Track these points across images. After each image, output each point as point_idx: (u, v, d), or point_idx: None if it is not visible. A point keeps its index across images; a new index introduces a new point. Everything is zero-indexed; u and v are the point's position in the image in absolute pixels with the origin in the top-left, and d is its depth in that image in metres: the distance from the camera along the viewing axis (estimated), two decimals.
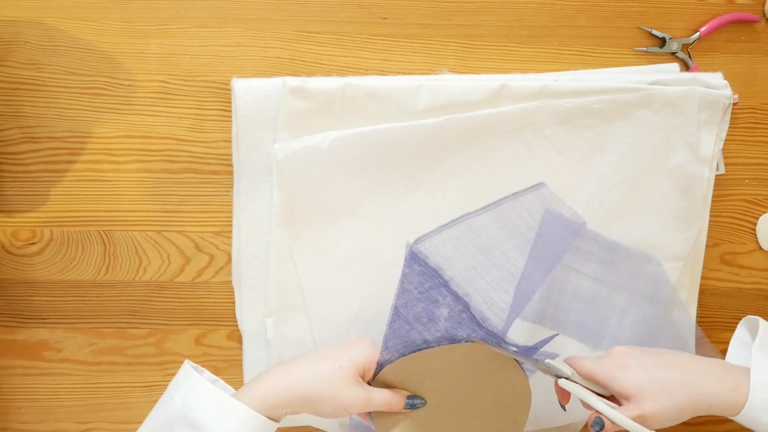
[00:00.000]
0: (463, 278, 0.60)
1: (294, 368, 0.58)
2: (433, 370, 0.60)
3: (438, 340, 0.60)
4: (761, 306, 0.78)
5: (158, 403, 0.56)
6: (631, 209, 0.73)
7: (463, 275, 0.60)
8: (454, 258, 0.60)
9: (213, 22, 0.70)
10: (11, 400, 0.73)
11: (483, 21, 0.72)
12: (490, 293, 0.61)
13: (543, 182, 0.68)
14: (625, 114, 0.71)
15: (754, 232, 0.77)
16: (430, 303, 0.59)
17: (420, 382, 0.60)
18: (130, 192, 0.71)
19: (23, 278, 0.72)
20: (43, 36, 0.69)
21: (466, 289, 0.60)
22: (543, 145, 0.71)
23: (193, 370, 0.57)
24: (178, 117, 0.70)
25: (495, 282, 0.62)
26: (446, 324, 0.60)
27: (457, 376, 0.60)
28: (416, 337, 0.59)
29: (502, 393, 0.61)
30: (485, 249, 0.62)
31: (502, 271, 0.62)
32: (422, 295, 0.59)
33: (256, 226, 0.71)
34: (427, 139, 0.69)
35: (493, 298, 0.61)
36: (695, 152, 0.72)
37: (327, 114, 0.68)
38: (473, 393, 0.60)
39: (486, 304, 0.60)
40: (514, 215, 0.65)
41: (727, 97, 0.72)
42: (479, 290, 0.61)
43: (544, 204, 0.67)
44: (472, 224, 0.63)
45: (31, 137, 0.70)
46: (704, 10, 0.74)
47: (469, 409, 0.61)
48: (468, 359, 0.60)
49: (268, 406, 0.55)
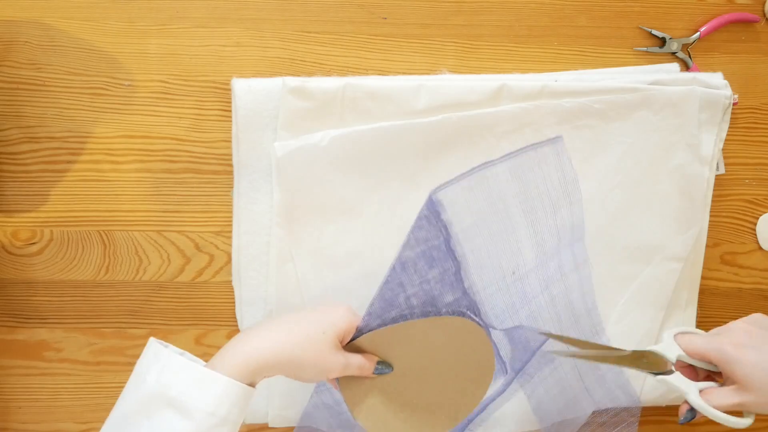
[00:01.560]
0: (465, 235, 0.60)
1: (274, 332, 0.56)
2: (406, 338, 0.60)
3: (422, 305, 0.60)
4: (761, 306, 0.78)
5: (128, 384, 0.53)
6: (631, 210, 0.73)
7: (466, 232, 0.60)
8: (464, 211, 0.60)
9: (213, 22, 0.70)
10: (11, 400, 0.73)
11: (483, 21, 0.72)
12: (483, 254, 0.61)
13: (560, 136, 0.68)
14: (625, 114, 0.71)
15: (754, 232, 0.77)
16: (427, 262, 0.59)
17: (392, 349, 0.60)
18: (130, 192, 0.71)
19: (23, 278, 0.72)
20: (43, 36, 0.69)
21: (465, 248, 0.60)
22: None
23: (162, 347, 0.54)
24: (178, 117, 0.70)
25: (490, 239, 0.62)
26: (435, 286, 0.60)
27: (428, 347, 0.61)
28: (402, 302, 0.60)
29: (467, 366, 0.62)
30: (492, 203, 0.63)
31: (500, 227, 0.63)
32: (422, 253, 0.59)
33: (256, 226, 0.71)
34: (426, 138, 0.69)
35: (484, 261, 0.61)
36: (695, 152, 0.72)
37: (327, 114, 0.68)
38: (440, 363, 0.62)
39: (478, 266, 0.61)
40: (527, 168, 0.66)
41: (727, 97, 0.72)
42: (474, 249, 0.61)
43: (559, 160, 0.67)
44: (488, 173, 0.63)
45: (31, 137, 0.70)
46: (704, 10, 0.74)
47: (433, 378, 0.62)
48: (442, 331, 0.61)
49: (248, 373, 0.53)
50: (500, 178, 0.64)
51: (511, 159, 0.65)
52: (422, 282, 0.60)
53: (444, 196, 0.59)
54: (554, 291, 0.70)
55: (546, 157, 0.68)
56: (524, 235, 0.68)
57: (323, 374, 0.57)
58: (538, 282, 0.70)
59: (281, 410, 0.72)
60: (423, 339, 0.61)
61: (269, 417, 0.73)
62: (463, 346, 0.62)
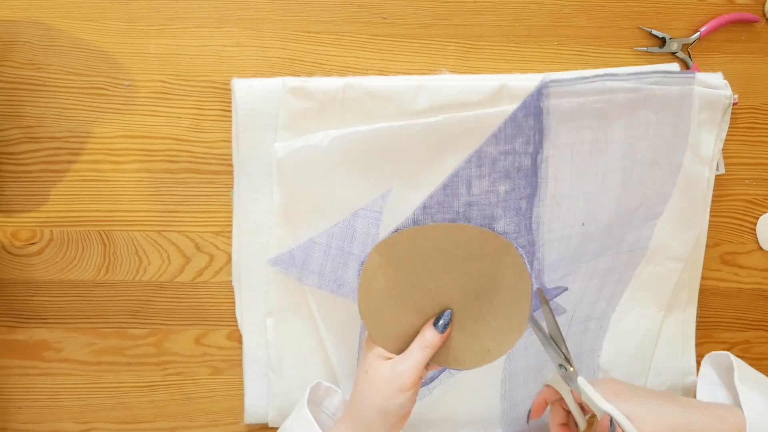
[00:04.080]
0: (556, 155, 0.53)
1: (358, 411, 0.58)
2: (444, 242, 0.56)
3: (479, 219, 0.55)
4: (761, 306, 0.78)
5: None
6: (631, 210, 0.72)
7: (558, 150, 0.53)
8: (566, 122, 0.53)
9: (213, 22, 0.70)
10: (11, 400, 0.73)
11: (483, 21, 0.72)
12: (564, 187, 0.55)
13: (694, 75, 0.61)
14: (625, 114, 0.71)
15: (754, 232, 0.77)
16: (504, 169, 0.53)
17: (425, 249, 0.56)
18: (130, 192, 0.71)
19: (23, 278, 0.72)
20: (43, 36, 0.69)
21: (549, 172, 0.54)
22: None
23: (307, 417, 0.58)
24: (178, 117, 0.70)
25: (578, 171, 0.55)
26: (500, 203, 0.54)
27: (463, 259, 0.57)
28: (459, 207, 0.55)
29: (501, 300, 0.58)
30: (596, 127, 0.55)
31: (592, 160, 0.56)
32: (504, 154, 0.53)
33: (256, 226, 0.71)
34: (427, 138, 0.69)
35: (563, 196, 0.55)
36: (696, 152, 0.72)
37: (327, 114, 0.68)
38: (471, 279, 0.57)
39: (554, 201, 0.54)
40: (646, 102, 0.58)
41: (727, 97, 0.72)
42: (558, 177, 0.54)
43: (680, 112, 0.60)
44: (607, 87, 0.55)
45: (31, 137, 0.70)
46: (704, 10, 0.74)
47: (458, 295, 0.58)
48: (484, 250, 0.56)
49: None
50: (616, 101, 0.55)
51: (636, 82, 0.57)
52: (489, 192, 0.54)
53: (555, 92, 0.51)
54: (600, 264, 0.65)
55: (669, 100, 0.60)
56: (612, 181, 0.60)
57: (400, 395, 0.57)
58: (596, 245, 0.65)
59: (281, 410, 0.73)
60: (460, 248, 0.56)
61: (269, 417, 0.73)
62: (500, 279, 0.58)
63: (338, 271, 0.68)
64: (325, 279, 0.68)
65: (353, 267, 0.67)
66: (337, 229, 0.68)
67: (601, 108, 0.70)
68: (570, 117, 0.70)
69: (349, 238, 0.68)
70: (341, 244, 0.68)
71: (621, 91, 0.68)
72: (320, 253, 0.68)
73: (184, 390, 0.74)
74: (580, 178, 0.56)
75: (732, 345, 0.79)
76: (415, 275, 0.56)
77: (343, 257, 0.68)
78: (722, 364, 0.68)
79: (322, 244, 0.68)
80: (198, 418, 0.74)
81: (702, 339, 0.78)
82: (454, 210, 0.53)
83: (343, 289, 0.68)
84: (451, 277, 0.56)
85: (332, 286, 0.68)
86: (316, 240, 0.68)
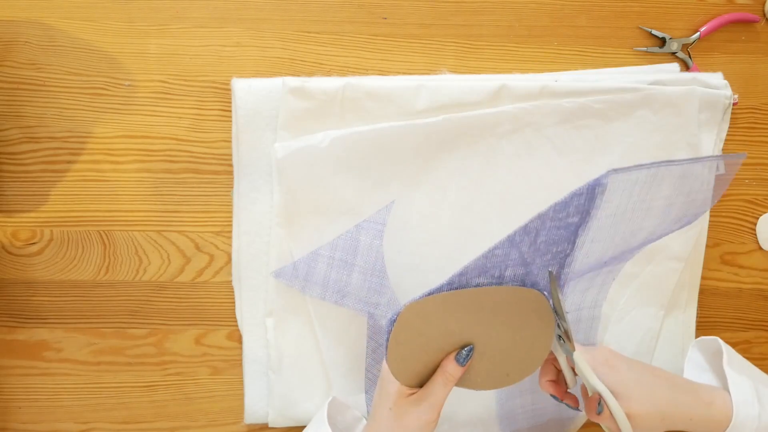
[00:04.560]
0: (598, 223, 0.55)
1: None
2: (474, 304, 0.57)
3: (514, 278, 0.56)
4: (761, 306, 0.78)
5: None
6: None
7: (600, 221, 0.55)
8: (616, 201, 0.55)
9: (213, 22, 0.70)
10: (11, 400, 0.73)
11: (483, 21, 0.72)
12: (598, 247, 0.57)
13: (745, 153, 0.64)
14: (625, 114, 0.71)
15: (754, 232, 0.77)
16: (550, 239, 0.55)
17: (459, 312, 0.56)
18: (130, 192, 0.71)
19: (23, 278, 0.72)
20: (43, 36, 0.69)
21: (588, 236, 0.56)
22: (543, 145, 0.71)
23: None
24: (178, 117, 0.70)
25: (616, 234, 0.57)
26: (537, 264, 0.56)
27: (493, 315, 0.57)
28: (497, 272, 0.55)
29: (524, 341, 0.59)
30: (641, 200, 0.57)
31: (630, 227, 0.58)
32: (551, 228, 0.54)
33: (256, 226, 0.71)
34: (427, 139, 0.69)
35: (596, 253, 0.57)
36: (696, 152, 0.72)
37: (327, 114, 0.68)
38: (497, 332, 0.58)
39: (585, 255, 0.56)
40: (693, 178, 0.59)
41: (727, 97, 0.72)
42: (596, 240, 0.56)
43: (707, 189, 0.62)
44: (661, 172, 0.57)
45: (31, 137, 0.70)
46: (704, 10, 0.74)
47: (486, 346, 0.58)
48: (510, 302, 0.57)
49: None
50: (666, 181, 0.58)
51: (691, 164, 0.59)
52: (528, 263, 0.55)
53: (614, 182, 0.53)
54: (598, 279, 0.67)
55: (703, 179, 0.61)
56: (643, 233, 0.61)
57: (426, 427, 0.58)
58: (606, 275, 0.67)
59: (281, 410, 0.73)
60: (492, 310, 0.57)
61: (269, 417, 0.73)
62: (527, 321, 0.58)
63: (342, 282, 0.68)
64: (329, 290, 0.69)
65: (357, 278, 0.68)
66: (341, 240, 0.68)
67: (601, 108, 0.71)
68: (570, 117, 0.71)
69: (352, 250, 0.68)
70: (345, 256, 0.68)
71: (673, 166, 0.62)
72: (324, 264, 0.68)
73: (184, 390, 0.74)
74: (615, 235, 0.59)
75: (732, 345, 0.78)
76: (444, 325, 0.57)
77: (347, 269, 0.68)
78: (710, 349, 0.69)
79: (326, 255, 0.68)
80: (198, 418, 0.74)
81: None
82: (490, 274, 0.56)
83: (347, 300, 0.68)
84: (477, 321, 0.58)
85: (336, 297, 0.68)
86: (319, 252, 0.69)
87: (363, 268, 0.68)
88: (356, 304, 0.68)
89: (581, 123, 0.71)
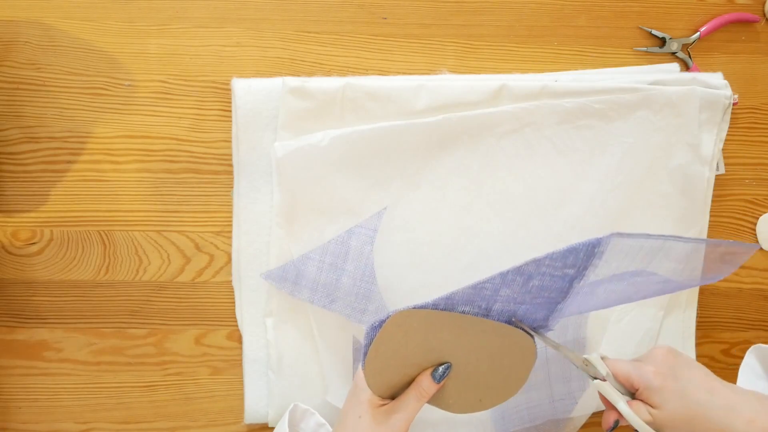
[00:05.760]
0: (596, 279, 0.56)
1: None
2: (458, 328, 0.57)
3: (500, 314, 0.57)
4: (761, 306, 0.78)
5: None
6: (632, 210, 0.73)
7: (598, 277, 0.56)
8: (614, 263, 0.56)
9: (213, 22, 0.70)
10: (11, 400, 0.73)
11: (483, 21, 0.72)
12: (589, 299, 0.58)
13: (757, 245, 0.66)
14: (625, 114, 0.71)
15: (754, 232, 0.77)
16: (542, 286, 0.55)
17: (440, 332, 0.57)
18: (130, 192, 0.71)
19: (23, 278, 0.72)
20: (43, 36, 0.69)
21: (582, 290, 0.57)
22: (543, 145, 0.71)
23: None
24: (178, 117, 0.70)
25: (610, 292, 0.58)
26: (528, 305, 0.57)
27: (475, 344, 0.58)
28: (484, 305, 0.56)
29: (503, 370, 0.59)
30: (641, 268, 0.58)
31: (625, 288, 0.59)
32: (544, 275, 0.55)
33: (256, 226, 0.71)
34: (427, 138, 0.69)
35: (587, 305, 0.58)
36: (696, 152, 0.72)
37: (327, 114, 0.68)
38: (478, 360, 0.58)
39: (577, 305, 0.57)
40: (696, 259, 0.60)
41: (727, 97, 0.72)
42: (590, 293, 0.57)
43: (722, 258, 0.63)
44: (667, 245, 0.58)
45: (31, 137, 0.70)
46: (704, 10, 0.74)
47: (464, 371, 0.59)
48: (495, 335, 0.58)
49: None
50: (670, 255, 0.58)
51: (699, 244, 0.60)
52: (518, 302, 0.57)
53: (616, 244, 0.54)
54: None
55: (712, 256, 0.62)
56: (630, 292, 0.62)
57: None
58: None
59: (281, 410, 0.72)
60: (474, 336, 0.57)
61: (269, 417, 0.73)
62: (508, 354, 0.59)
63: (331, 287, 0.68)
64: (318, 294, 0.68)
65: (346, 283, 0.67)
66: (332, 245, 0.68)
67: (601, 108, 0.71)
68: (570, 117, 0.71)
69: (342, 255, 0.68)
70: (335, 260, 0.68)
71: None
72: (313, 268, 0.68)
73: (184, 390, 0.74)
74: (612, 293, 0.59)
75: (732, 345, 0.79)
76: (425, 341, 0.57)
77: (336, 273, 0.68)
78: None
79: (316, 259, 0.68)
80: (198, 418, 0.74)
81: (702, 339, 0.78)
82: (476, 305, 0.57)
83: (335, 304, 0.68)
84: (458, 344, 0.58)
85: (325, 301, 0.68)
86: (309, 255, 0.68)
87: (353, 274, 0.67)
88: (344, 309, 0.68)
89: (581, 123, 0.71)
